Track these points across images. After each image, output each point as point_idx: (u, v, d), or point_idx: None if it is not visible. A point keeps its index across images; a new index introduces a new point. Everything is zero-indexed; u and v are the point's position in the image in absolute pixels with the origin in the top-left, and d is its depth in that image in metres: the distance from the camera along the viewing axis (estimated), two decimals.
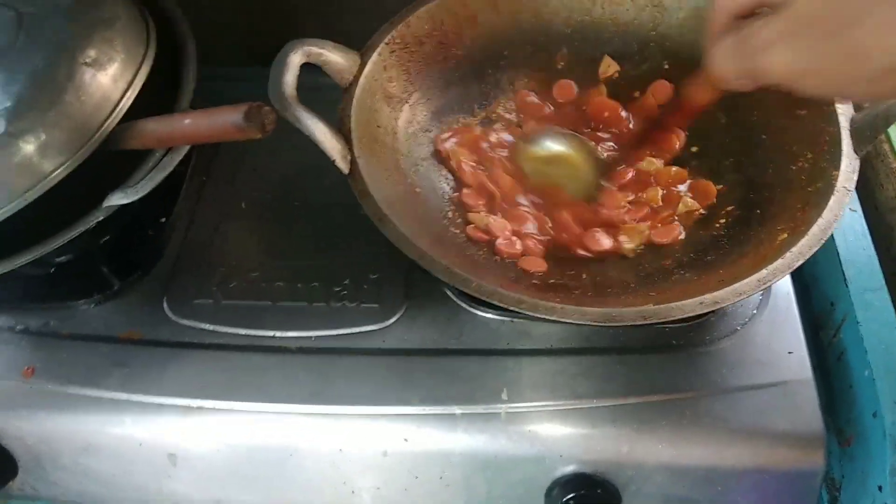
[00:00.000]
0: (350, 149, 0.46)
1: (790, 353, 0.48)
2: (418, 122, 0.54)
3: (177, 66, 0.53)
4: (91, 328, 0.53)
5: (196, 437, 0.49)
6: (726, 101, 0.53)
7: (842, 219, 0.43)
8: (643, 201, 0.52)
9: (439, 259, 0.43)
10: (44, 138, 0.44)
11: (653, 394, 0.47)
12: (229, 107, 0.40)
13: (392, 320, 0.52)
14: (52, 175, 0.45)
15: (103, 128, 0.46)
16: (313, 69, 0.48)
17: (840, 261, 0.52)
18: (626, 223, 0.51)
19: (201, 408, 0.49)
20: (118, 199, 0.45)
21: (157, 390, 0.49)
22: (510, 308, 0.41)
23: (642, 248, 0.51)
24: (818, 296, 0.56)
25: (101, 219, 0.46)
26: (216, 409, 0.49)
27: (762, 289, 0.41)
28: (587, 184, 0.53)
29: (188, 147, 0.46)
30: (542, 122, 0.57)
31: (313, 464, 0.49)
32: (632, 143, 0.55)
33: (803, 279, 0.54)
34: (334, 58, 0.48)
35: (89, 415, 0.49)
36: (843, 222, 0.43)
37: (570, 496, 0.45)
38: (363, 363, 0.50)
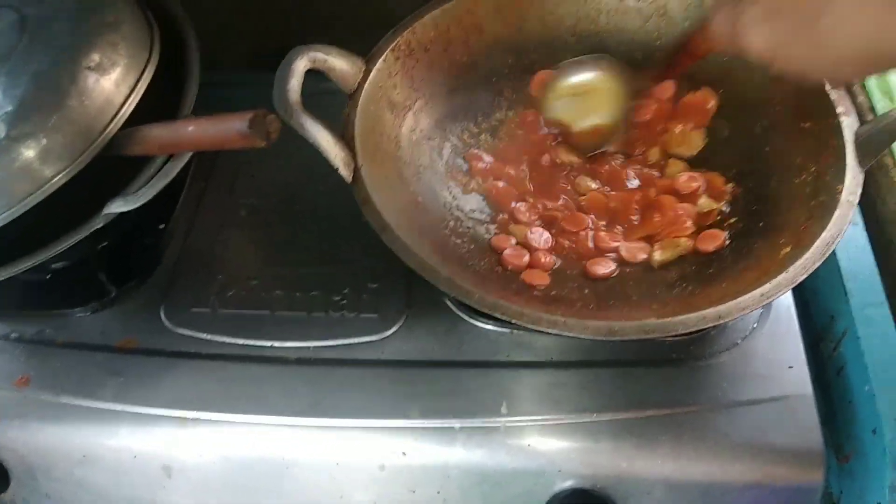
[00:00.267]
0: (353, 157, 0.46)
1: (790, 367, 0.48)
2: (421, 130, 0.54)
3: (179, 70, 0.52)
4: (87, 336, 0.53)
5: (192, 449, 0.48)
6: (729, 112, 0.54)
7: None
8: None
9: (441, 270, 0.43)
10: (45, 143, 0.43)
11: (653, 408, 0.47)
12: (234, 114, 0.39)
13: (391, 331, 0.51)
14: (52, 181, 0.44)
15: (105, 133, 0.45)
16: (315, 74, 0.47)
17: (841, 274, 0.52)
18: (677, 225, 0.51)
19: (197, 419, 0.48)
20: (118, 206, 0.44)
21: (153, 401, 0.49)
22: (512, 321, 0.41)
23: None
24: (818, 309, 0.56)
25: (101, 226, 0.46)
26: (212, 420, 0.48)
27: (765, 303, 0.40)
28: (618, 109, 0.53)
29: (190, 154, 0.46)
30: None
31: (310, 477, 0.48)
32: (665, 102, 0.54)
33: (803, 292, 0.54)
34: (339, 64, 0.48)
35: (84, 425, 0.49)
36: (844, 235, 0.43)
37: None
38: (362, 374, 0.49)
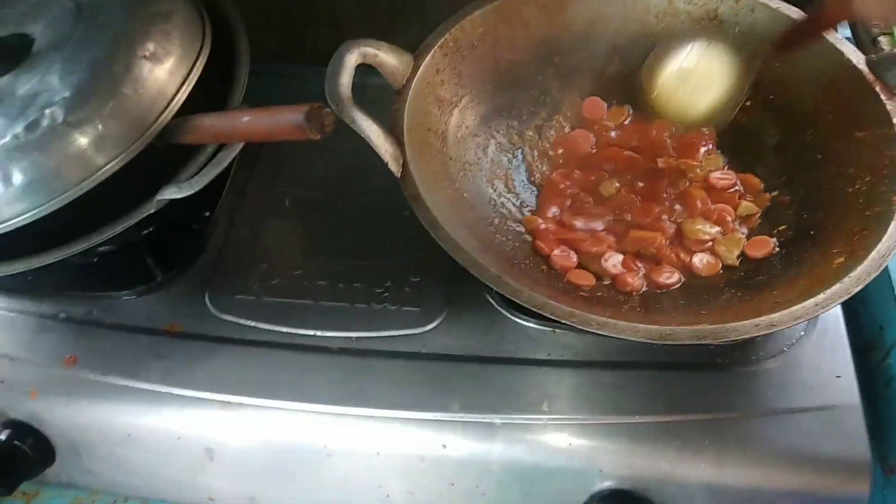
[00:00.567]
0: (402, 152, 0.46)
1: (838, 377, 0.47)
2: (467, 127, 0.54)
3: (226, 61, 0.53)
4: (133, 319, 0.53)
5: (234, 433, 0.49)
6: (780, 119, 0.53)
7: None
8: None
9: (489, 267, 0.43)
10: (101, 130, 0.44)
11: (696, 412, 0.46)
12: (289, 107, 0.39)
13: (433, 325, 0.51)
14: (106, 167, 0.45)
15: (158, 121, 0.46)
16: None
17: (892, 285, 0.51)
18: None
19: (240, 404, 0.49)
20: (172, 193, 0.45)
21: (197, 384, 0.49)
22: (561, 321, 0.41)
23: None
24: (867, 319, 0.55)
25: (151, 212, 0.46)
26: (255, 405, 0.49)
27: (819, 313, 0.40)
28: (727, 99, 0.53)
29: (242, 144, 0.46)
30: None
31: (349, 465, 0.49)
32: None
33: (852, 302, 0.53)
34: (389, 59, 0.48)
35: (128, 406, 0.50)
36: None
37: None
38: (403, 366, 0.50)
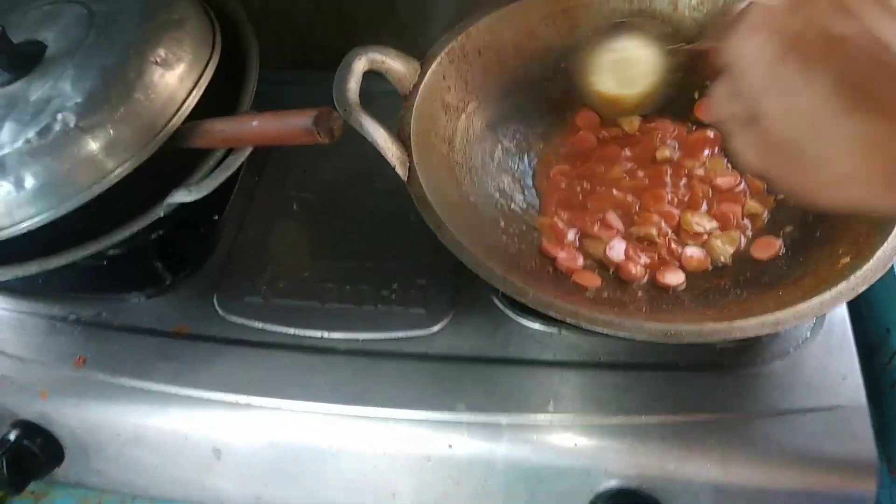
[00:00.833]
0: (409, 156, 0.47)
1: (844, 378, 0.47)
2: (473, 132, 0.55)
3: (234, 67, 0.53)
4: (142, 321, 0.54)
5: (241, 433, 0.49)
6: None
7: None
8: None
9: (495, 268, 0.43)
10: (112, 134, 0.45)
11: (702, 412, 0.46)
12: (298, 111, 0.40)
13: (439, 326, 0.52)
14: (116, 171, 0.45)
15: (169, 126, 0.46)
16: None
17: None
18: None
19: (248, 404, 0.49)
20: (181, 196, 0.45)
21: (205, 385, 0.50)
22: (567, 320, 0.41)
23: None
24: (873, 320, 0.55)
25: (161, 215, 0.47)
26: (262, 406, 0.49)
27: (824, 312, 0.40)
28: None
29: (251, 148, 0.47)
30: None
31: (356, 465, 0.49)
32: None
33: (858, 303, 0.53)
34: (396, 65, 0.49)
35: (137, 406, 0.50)
36: None
37: None
38: (409, 367, 0.50)
